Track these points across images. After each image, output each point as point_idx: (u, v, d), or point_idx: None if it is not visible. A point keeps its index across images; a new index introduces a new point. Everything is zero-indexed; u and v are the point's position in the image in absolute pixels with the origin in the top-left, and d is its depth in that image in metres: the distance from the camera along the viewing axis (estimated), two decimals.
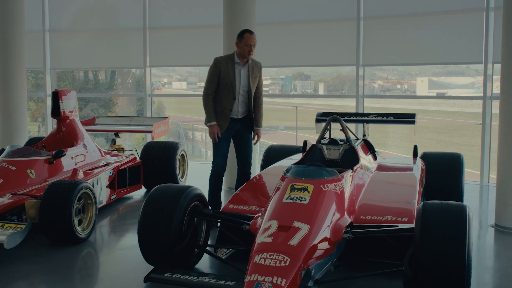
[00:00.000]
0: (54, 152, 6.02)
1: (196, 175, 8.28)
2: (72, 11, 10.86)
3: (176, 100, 27.87)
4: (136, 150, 7.88)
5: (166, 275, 3.66)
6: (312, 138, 6.12)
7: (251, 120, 5.82)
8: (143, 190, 7.57)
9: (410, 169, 5.65)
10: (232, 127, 5.76)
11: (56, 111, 6.66)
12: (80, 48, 10.87)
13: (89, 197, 5.31)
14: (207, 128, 5.73)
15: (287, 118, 26.91)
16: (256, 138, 5.91)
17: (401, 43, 8.84)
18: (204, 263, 4.53)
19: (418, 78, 25.32)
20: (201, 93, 5.78)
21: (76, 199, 5.01)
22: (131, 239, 5.47)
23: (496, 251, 5.14)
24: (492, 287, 4.23)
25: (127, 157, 7.38)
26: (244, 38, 5.64)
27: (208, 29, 9.80)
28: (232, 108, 5.69)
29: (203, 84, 5.87)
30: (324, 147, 5.24)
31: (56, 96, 6.62)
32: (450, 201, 3.77)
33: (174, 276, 3.64)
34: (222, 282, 3.52)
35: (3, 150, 6.12)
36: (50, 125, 11.14)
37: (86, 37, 10.81)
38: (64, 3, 10.84)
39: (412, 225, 3.83)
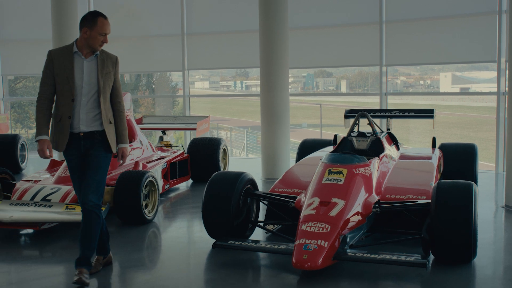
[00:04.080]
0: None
1: (234, 167, 9.15)
2: (115, 20, 11.82)
3: (197, 99, 28.91)
4: (182, 146, 8.80)
5: (229, 242, 4.58)
6: (340, 135, 6.92)
7: (108, 138, 4.22)
8: (190, 181, 8.49)
9: (429, 158, 6.46)
10: (76, 146, 4.20)
11: None
12: (122, 53, 11.81)
13: (153, 185, 6.21)
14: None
15: (310, 116, 27.54)
16: (121, 158, 4.37)
17: (421, 44, 9.66)
18: (256, 236, 5.40)
19: (441, 73, 25.64)
20: (227, 92, 5.49)
21: (143, 186, 5.93)
22: (187, 220, 6.39)
23: (505, 226, 5.99)
24: (503, 251, 5.09)
25: (174, 152, 8.28)
26: (98, 25, 4.15)
27: (244, 34, 10.69)
28: (71, 115, 4.14)
29: (225, 83, 5.47)
30: (354, 139, 6.08)
31: None
32: (460, 180, 4.61)
33: (236, 243, 4.56)
34: (276, 246, 4.41)
35: None
36: None
37: (128, 43, 11.74)
38: (108, 13, 11.78)
39: (429, 201, 4.65)
